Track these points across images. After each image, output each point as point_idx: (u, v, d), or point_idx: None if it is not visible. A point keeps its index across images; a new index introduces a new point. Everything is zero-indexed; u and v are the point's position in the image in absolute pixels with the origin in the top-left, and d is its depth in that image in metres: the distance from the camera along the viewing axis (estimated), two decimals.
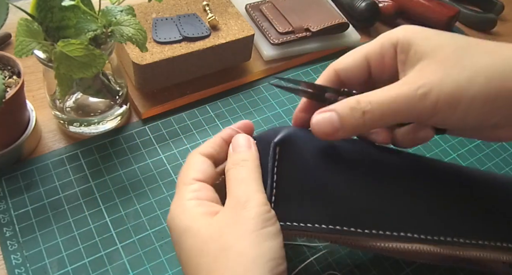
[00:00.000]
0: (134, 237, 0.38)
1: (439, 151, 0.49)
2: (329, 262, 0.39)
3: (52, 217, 0.39)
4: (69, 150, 0.44)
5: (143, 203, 0.41)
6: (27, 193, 0.40)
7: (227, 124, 0.48)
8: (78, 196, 0.40)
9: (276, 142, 0.30)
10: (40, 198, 0.40)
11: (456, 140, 0.51)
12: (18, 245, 0.37)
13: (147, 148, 0.45)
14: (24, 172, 0.41)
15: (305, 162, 0.31)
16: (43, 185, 0.41)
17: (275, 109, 0.51)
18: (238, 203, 0.27)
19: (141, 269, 0.37)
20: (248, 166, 0.30)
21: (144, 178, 0.43)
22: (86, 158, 0.43)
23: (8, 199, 0.40)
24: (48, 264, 0.36)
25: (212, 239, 0.26)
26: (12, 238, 0.37)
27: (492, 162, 0.49)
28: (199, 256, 0.26)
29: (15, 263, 0.36)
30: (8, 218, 0.38)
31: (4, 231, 0.38)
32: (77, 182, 0.41)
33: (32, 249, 0.37)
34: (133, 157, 0.44)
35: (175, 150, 0.45)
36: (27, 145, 0.42)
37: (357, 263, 0.39)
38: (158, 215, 0.40)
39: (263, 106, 0.51)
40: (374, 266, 0.39)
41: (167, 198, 0.41)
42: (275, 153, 0.30)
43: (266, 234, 0.26)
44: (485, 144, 0.51)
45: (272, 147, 0.30)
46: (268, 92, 0.52)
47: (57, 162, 0.43)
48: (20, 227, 0.38)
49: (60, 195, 0.40)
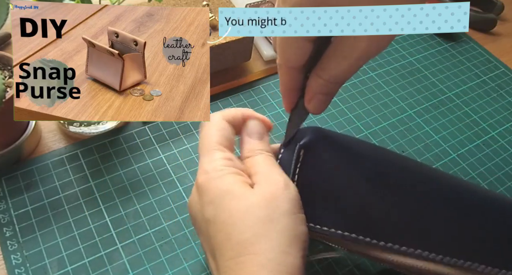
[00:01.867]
0: (134, 237, 0.38)
1: (439, 151, 0.49)
2: (329, 262, 0.39)
3: (52, 217, 0.39)
4: (69, 150, 0.44)
5: (143, 203, 0.41)
6: (27, 193, 0.40)
7: None
8: (78, 196, 0.40)
9: (301, 145, 0.31)
10: (40, 198, 0.40)
11: (456, 140, 0.51)
12: (18, 245, 0.37)
13: (147, 148, 0.45)
14: (24, 172, 0.41)
15: (328, 167, 0.31)
16: (43, 185, 0.41)
17: (275, 109, 0.51)
18: (273, 183, 0.29)
19: (141, 269, 0.37)
20: (264, 156, 0.31)
21: (144, 178, 0.43)
22: (86, 158, 0.43)
23: (8, 199, 0.40)
24: (48, 264, 0.36)
25: (259, 206, 0.27)
26: (12, 238, 0.37)
27: (492, 162, 0.49)
28: (243, 218, 0.27)
29: (15, 263, 0.36)
30: (8, 218, 0.38)
31: (4, 231, 0.38)
32: (77, 182, 0.41)
33: (32, 249, 0.37)
34: (133, 157, 0.44)
35: (175, 150, 0.45)
36: (27, 145, 0.42)
37: (357, 263, 0.39)
38: (158, 215, 0.40)
39: (263, 106, 0.51)
40: (374, 266, 0.39)
41: (167, 198, 0.41)
42: (299, 155, 0.31)
43: (301, 219, 0.28)
44: (485, 144, 0.51)
45: (296, 150, 0.31)
46: (268, 92, 0.52)
47: (57, 162, 0.43)
48: (20, 227, 0.38)
49: (60, 195, 0.40)
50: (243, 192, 0.28)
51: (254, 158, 0.31)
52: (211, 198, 0.29)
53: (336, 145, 0.32)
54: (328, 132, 0.33)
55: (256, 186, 0.29)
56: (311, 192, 0.30)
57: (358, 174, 0.31)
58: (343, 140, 0.33)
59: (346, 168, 0.31)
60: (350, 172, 0.31)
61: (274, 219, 0.27)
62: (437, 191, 0.31)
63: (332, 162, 0.31)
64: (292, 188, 0.29)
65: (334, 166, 0.31)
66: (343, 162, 0.31)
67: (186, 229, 0.39)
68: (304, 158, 0.31)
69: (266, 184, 0.29)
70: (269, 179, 0.29)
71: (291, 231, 0.27)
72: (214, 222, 0.28)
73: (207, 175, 0.29)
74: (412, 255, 0.29)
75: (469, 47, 0.63)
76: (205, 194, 0.29)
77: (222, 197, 0.28)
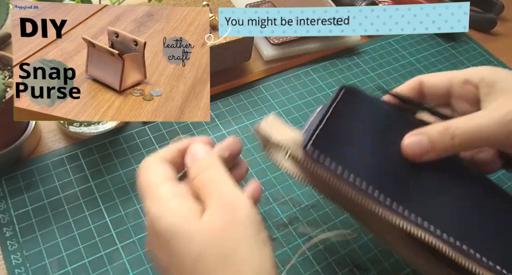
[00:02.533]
0: (134, 237, 0.38)
1: None
2: (329, 262, 0.39)
3: (52, 217, 0.39)
4: (69, 150, 0.44)
5: None
6: (27, 193, 0.40)
7: (227, 124, 0.48)
8: (78, 196, 0.41)
9: (343, 86, 0.32)
10: (40, 198, 0.40)
11: None
12: (18, 245, 0.37)
13: (147, 148, 0.45)
14: (24, 172, 0.41)
15: (362, 116, 0.32)
16: (43, 185, 0.41)
17: (275, 109, 0.51)
18: (226, 205, 0.26)
19: (141, 269, 0.37)
20: (216, 168, 0.29)
21: None
22: (86, 158, 0.43)
23: (8, 199, 0.40)
24: (48, 264, 0.36)
25: (210, 244, 0.25)
26: (12, 238, 0.37)
27: None
28: (196, 261, 0.25)
29: (15, 263, 0.36)
30: (8, 218, 0.38)
31: (4, 231, 0.38)
32: (77, 182, 0.41)
33: (32, 249, 0.37)
34: (133, 157, 0.44)
35: None
36: (27, 145, 0.42)
37: (357, 262, 0.39)
38: None
39: (263, 106, 0.51)
40: (374, 266, 0.39)
41: None
42: (339, 94, 0.32)
43: (263, 240, 0.26)
44: None
45: (338, 89, 0.32)
46: (268, 92, 0.52)
47: (57, 162, 0.43)
48: (20, 227, 0.38)
49: (60, 195, 0.40)
50: (191, 230, 0.25)
51: (198, 177, 0.28)
52: (161, 243, 0.26)
53: (376, 106, 0.33)
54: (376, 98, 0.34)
55: (206, 213, 0.26)
56: (338, 132, 0.30)
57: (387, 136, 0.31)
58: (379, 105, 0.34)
59: (378, 126, 0.32)
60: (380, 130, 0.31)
61: (229, 256, 0.24)
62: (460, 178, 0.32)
63: (366, 114, 0.32)
64: (243, 207, 0.26)
65: (367, 118, 0.32)
66: (376, 119, 0.32)
67: None
68: (343, 98, 0.32)
69: (215, 209, 0.26)
70: (218, 200, 0.27)
71: (253, 262, 0.25)
72: (168, 265, 0.26)
73: (151, 217, 0.27)
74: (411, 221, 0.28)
75: (469, 47, 0.63)
76: (154, 238, 0.27)
77: (172, 239, 0.25)
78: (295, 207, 0.42)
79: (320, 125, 0.30)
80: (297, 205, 0.42)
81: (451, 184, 0.31)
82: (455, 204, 0.30)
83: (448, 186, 0.31)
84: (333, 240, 0.40)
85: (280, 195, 0.43)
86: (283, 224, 0.41)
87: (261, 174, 0.44)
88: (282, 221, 0.41)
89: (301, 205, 0.42)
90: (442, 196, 0.30)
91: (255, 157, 0.45)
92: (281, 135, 0.31)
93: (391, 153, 0.31)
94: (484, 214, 0.30)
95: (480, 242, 0.29)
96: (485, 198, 0.31)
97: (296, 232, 0.40)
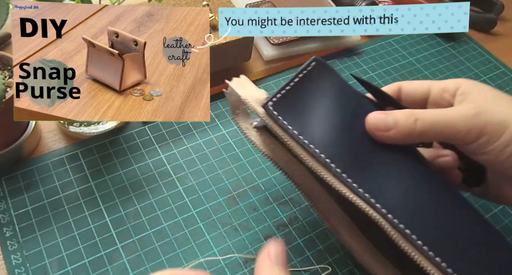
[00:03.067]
0: (134, 237, 0.39)
1: None
2: (329, 262, 0.39)
3: (52, 217, 0.39)
4: (69, 150, 0.44)
5: (143, 203, 0.41)
6: (27, 193, 0.40)
7: (227, 124, 0.48)
8: (78, 196, 0.41)
9: (315, 58, 0.32)
10: (40, 198, 0.40)
11: None
12: (18, 245, 0.37)
13: (147, 148, 0.45)
14: (24, 172, 0.41)
15: (329, 91, 0.32)
16: (43, 185, 0.41)
17: None
18: None
19: (141, 269, 0.37)
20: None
21: (144, 178, 0.43)
22: (86, 158, 0.43)
23: (8, 199, 0.40)
24: (48, 264, 0.36)
25: None
26: (12, 238, 0.37)
27: None
28: None
29: (15, 263, 0.36)
30: (8, 218, 0.38)
31: (4, 231, 0.38)
32: (77, 182, 0.41)
33: (32, 249, 0.37)
34: (133, 157, 0.44)
35: (175, 150, 0.45)
36: (27, 145, 0.42)
37: (357, 262, 0.39)
38: (158, 215, 0.40)
39: None
40: None
41: (167, 198, 0.41)
42: (308, 65, 0.32)
43: None
44: None
45: (309, 61, 0.32)
46: (268, 92, 0.52)
47: (57, 162, 0.43)
48: (20, 227, 0.38)
49: (60, 195, 0.40)
50: None
51: None
52: None
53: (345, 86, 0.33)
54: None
55: None
56: (302, 102, 0.31)
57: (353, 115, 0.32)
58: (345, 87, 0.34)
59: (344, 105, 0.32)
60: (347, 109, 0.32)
61: None
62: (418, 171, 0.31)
63: (333, 91, 0.32)
64: None
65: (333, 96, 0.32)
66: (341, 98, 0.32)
67: (186, 229, 0.39)
68: (311, 71, 0.32)
69: None
70: None
71: None
72: None
73: None
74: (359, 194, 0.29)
75: (469, 47, 0.63)
76: None
77: None
78: (295, 207, 0.42)
79: (284, 89, 0.31)
80: (297, 205, 0.42)
81: (407, 173, 0.31)
82: (406, 190, 0.30)
83: (404, 174, 0.31)
84: (333, 240, 0.40)
85: (280, 195, 0.43)
86: (283, 224, 0.41)
87: (261, 174, 0.44)
88: (282, 221, 0.41)
89: (301, 205, 0.42)
90: (395, 182, 0.30)
91: (255, 157, 0.45)
92: (247, 92, 0.32)
93: (353, 130, 0.31)
94: (435, 206, 0.30)
95: (424, 231, 0.29)
96: (439, 192, 0.31)
97: (296, 232, 0.40)
